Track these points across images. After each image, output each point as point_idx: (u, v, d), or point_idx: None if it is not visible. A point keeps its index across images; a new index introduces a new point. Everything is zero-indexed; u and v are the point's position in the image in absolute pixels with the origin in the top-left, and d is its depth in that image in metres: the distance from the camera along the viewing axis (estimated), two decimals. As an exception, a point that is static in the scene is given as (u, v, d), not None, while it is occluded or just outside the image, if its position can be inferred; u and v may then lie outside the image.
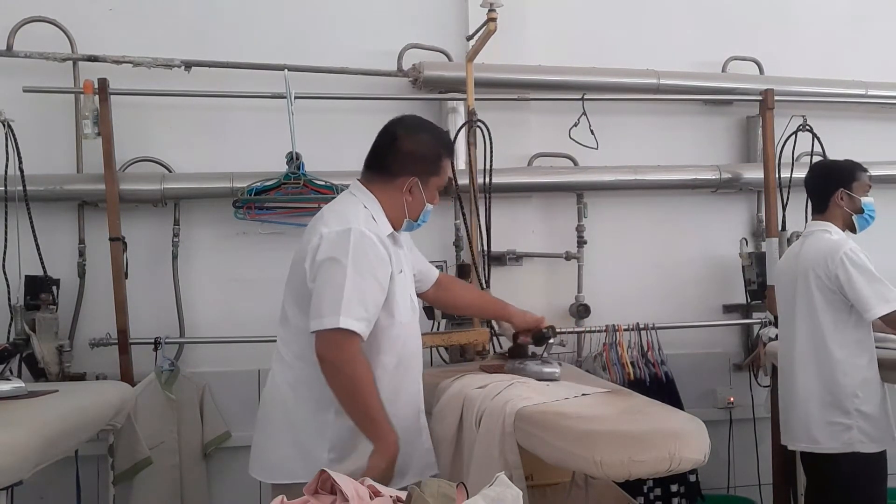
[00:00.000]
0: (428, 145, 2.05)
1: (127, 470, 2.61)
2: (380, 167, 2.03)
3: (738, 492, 3.55)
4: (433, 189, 2.07)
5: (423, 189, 2.03)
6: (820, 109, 3.62)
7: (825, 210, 2.69)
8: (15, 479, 1.73)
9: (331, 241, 1.87)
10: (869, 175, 2.74)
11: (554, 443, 1.75)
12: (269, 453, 1.98)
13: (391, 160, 2.02)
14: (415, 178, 2.01)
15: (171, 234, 3.12)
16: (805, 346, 2.59)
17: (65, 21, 3.04)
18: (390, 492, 1.36)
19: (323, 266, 1.86)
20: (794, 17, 3.82)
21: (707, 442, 1.69)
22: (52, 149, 3.06)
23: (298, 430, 1.94)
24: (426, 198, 2.05)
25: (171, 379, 2.96)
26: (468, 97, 3.14)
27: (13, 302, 2.78)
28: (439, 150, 2.07)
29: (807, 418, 2.55)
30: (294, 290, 1.97)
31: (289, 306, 2.00)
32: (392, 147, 2.03)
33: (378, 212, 1.99)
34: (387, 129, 2.06)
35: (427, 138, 2.06)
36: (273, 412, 1.99)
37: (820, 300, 2.54)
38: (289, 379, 1.97)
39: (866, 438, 2.48)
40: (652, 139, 3.66)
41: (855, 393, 2.48)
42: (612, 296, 3.46)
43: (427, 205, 2.06)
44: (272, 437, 1.98)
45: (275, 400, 2.00)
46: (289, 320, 1.99)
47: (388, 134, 2.05)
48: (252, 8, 3.29)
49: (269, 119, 3.12)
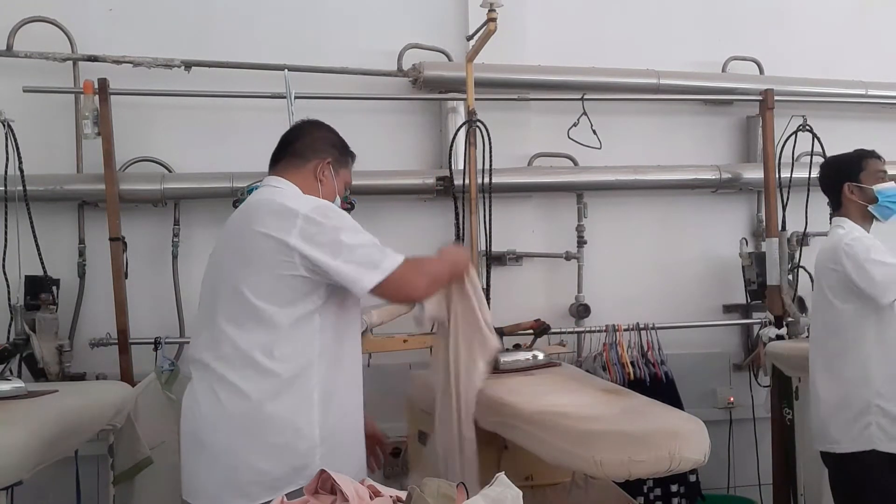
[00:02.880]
0: (336, 138, 2.06)
1: (127, 470, 2.61)
2: (291, 153, 1.99)
3: (738, 492, 3.55)
4: (341, 181, 2.05)
5: (334, 176, 2.01)
6: (820, 109, 3.62)
7: (840, 206, 2.61)
8: (15, 479, 1.73)
9: (320, 214, 1.81)
10: (883, 160, 2.61)
11: (554, 443, 1.75)
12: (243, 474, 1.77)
13: (301, 144, 2.00)
14: (327, 159, 1.99)
15: (171, 234, 3.12)
16: (819, 346, 2.54)
17: (65, 21, 3.05)
18: (390, 492, 1.36)
19: (331, 233, 1.79)
20: (794, 17, 3.82)
21: (707, 442, 1.69)
22: (52, 149, 3.06)
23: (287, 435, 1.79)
24: (336, 187, 2.02)
25: (171, 379, 2.96)
26: (468, 97, 3.14)
27: (13, 302, 2.78)
28: (346, 147, 2.07)
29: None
30: (269, 289, 1.80)
31: (264, 310, 1.80)
32: (301, 133, 2.04)
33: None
34: (292, 126, 2.11)
35: (335, 134, 2.07)
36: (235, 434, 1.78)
37: (833, 297, 2.47)
38: (265, 389, 1.77)
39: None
40: (652, 139, 3.66)
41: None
42: (612, 296, 3.46)
43: (337, 197, 2.02)
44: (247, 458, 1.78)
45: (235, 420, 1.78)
46: (267, 324, 1.79)
47: (296, 127, 2.08)
48: (252, 8, 3.29)
49: (269, 119, 3.11)
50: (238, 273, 1.83)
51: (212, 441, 1.79)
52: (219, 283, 1.88)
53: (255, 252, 1.81)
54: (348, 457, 1.88)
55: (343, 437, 1.87)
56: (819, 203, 3.38)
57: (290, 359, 1.79)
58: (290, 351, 1.79)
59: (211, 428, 1.79)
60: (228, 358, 1.79)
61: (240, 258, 1.85)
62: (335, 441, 1.83)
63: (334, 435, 1.83)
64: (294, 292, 1.80)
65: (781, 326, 3.20)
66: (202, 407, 1.81)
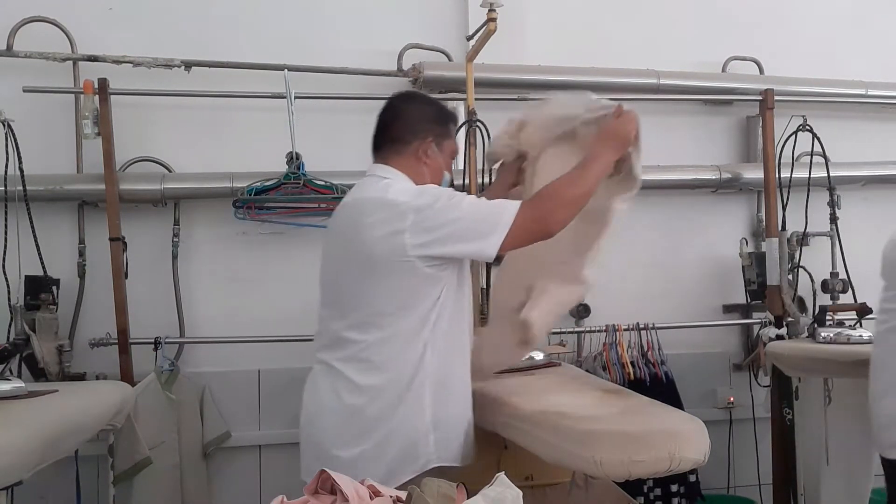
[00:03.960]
0: (432, 108, 2.03)
1: (127, 470, 2.61)
2: (390, 139, 1.96)
3: (738, 492, 3.55)
4: (448, 154, 2.02)
5: (439, 152, 1.98)
6: (820, 109, 3.62)
7: None
8: (15, 479, 1.73)
9: (426, 203, 1.80)
10: None
11: (554, 443, 1.75)
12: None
13: (399, 127, 1.96)
14: (430, 139, 1.96)
15: (171, 234, 3.12)
16: None
17: (65, 21, 3.04)
18: (390, 492, 1.36)
19: (442, 215, 1.78)
20: (794, 17, 3.81)
21: (707, 442, 1.69)
22: (52, 149, 3.05)
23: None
24: (443, 163, 1.99)
25: (171, 379, 2.96)
26: (468, 97, 3.13)
27: (13, 302, 2.77)
28: (446, 115, 2.04)
29: None
30: (387, 293, 1.84)
31: (371, 315, 1.86)
32: (396, 114, 1.98)
33: (407, 184, 1.92)
34: (386, 105, 2.02)
35: (429, 103, 2.05)
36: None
37: None
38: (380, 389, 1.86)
39: None
40: (652, 139, 3.58)
41: None
42: (612, 296, 3.45)
43: (445, 172, 2.00)
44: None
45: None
46: (374, 328, 1.86)
47: (390, 107, 2.01)
48: (252, 8, 3.29)
49: (269, 119, 3.12)
50: (356, 275, 1.86)
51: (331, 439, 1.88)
52: (337, 284, 1.92)
53: (371, 254, 1.82)
54: (458, 442, 1.93)
55: (453, 423, 1.91)
56: (819, 203, 3.40)
57: (402, 360, 1.85)
58: (402, 352, 1.85)
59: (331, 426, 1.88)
60: (348, 360, 1.87)
61: (356, 260, 1.86)
62: (447, 428, 1.89)
63: (447, 422, 1.89)
64: (412, 295, 1.83)
65: (781, 326, 3.19)
66: (323, 403, 1.90)
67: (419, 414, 1.86)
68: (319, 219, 3.06)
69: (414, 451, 1.85)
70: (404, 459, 1.84)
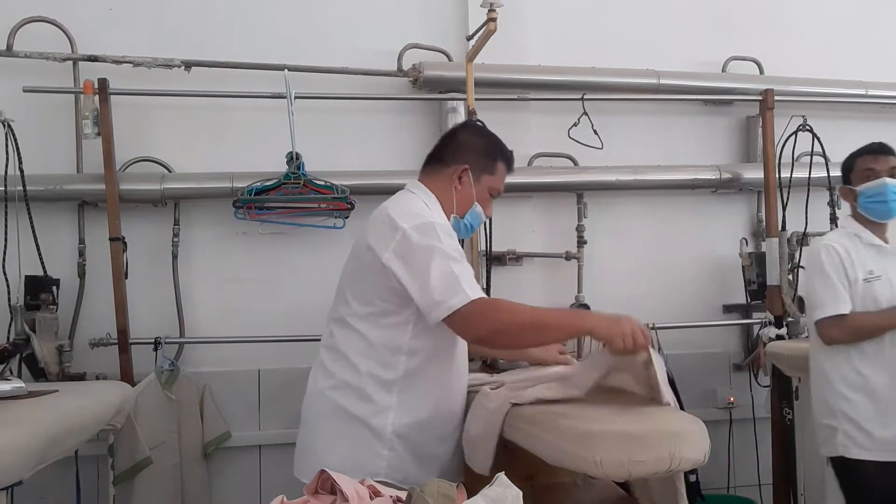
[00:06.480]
0: (486, 143, 2.05)
1: (127, 470, 2.62)
2: (434, 159, 2.04)
3: (738, 492, 3.55)
4: (485, 190, 2.03)
5: (474, 183, 2.00)
6: (820, 109, 3.62)
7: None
8: (15, 479, 1.72)
9: (418, 232, 1.83)
10: (882, 154, 2.48)
11: (554, 443, 1.75)
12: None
13: (446, 150, 2.02)
14: (466, 166, 1.98)
15: (171, 234, 3.12)
16: None
17: (65, 21, 3.04)
18: (390, 492, 1.36)
19: (420, 256, 1.80)
20: (794, 17, 3.82)
21: (707, 442, 1.69)
22: (52, 149, 3.05)
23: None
24: (476, 194, 2.00)
25: (171, 379, 2.96)
26: (468, 97, 3.14)
27: (13, 302, 2.77)
28: (497, 152, 2.05)
29: None
30: (365, 297, 1.92)
31: (359, 316, 1.94)
32: (451, 137, 2.07)
33: (434, 205, 1.97)
34: (451, 128, 2.13)
35: (486, 138, 2.07)
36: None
37: None
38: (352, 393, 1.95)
39: None
40: (652, 139, 3.66)
41: None
42: (612, 296, 3.45)
43: (476, 204, 2.02)
44: None
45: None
46: (359, 331, 1.94)
47: (450, 131, 2.10)
48: (252, 8, 3.29)
49: (269, 119, 3.12)
50: (349, 275, 1.98)
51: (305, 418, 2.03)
52: (342, 277, 2.02)
53: (362, 259, 1.91)
54: (422, 461, 1.94)
55: (416, 443, 1.94)
56: (819, 203, 3.41)
57: (374, 363, 1.90)
58: (370, 357, 1.91)
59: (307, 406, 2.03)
60: (330, 349, 1.98)
61: (352, 261, 1.98)
62: (408, 444, 1.92)
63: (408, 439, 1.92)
64: (386, 303, 1.87)
65: (781, 326, 3.20)
66: (308, 385, 2.02)
67: (380, 423, 1.92)
68: (319, 219, 3.06)
69: (366, 453, 1.91)
70: (355, 458, 1.90)
